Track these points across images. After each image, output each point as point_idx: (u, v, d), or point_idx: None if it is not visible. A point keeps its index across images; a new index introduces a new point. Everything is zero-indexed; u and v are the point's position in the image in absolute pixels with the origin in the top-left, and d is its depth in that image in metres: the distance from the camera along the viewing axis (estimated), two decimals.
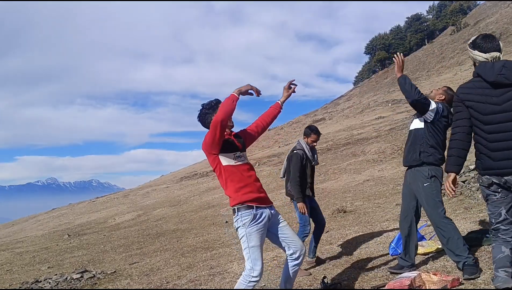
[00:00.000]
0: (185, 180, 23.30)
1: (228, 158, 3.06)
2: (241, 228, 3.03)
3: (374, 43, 73.96)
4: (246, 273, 3.02)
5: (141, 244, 8.91)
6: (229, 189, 3.08)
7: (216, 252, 6.59)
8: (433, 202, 3.53)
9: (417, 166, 3.62)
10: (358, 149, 15.61)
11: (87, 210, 20.38)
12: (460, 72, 30.40)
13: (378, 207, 7.49)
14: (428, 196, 3.54)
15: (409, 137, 3.75)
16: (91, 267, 7.09)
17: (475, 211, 5.60)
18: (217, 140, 2.96)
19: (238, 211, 3.04)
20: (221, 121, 2.86)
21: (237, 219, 3.04)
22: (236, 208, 3.05)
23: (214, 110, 3.11)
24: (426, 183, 3.54)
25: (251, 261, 2.99)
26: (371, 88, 45.63)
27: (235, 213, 3.07)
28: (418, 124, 3.64)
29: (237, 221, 3.05)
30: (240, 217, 3.02)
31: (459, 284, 3.25)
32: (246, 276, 3.00)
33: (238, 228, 3.06)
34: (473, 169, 7.07)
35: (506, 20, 38.69)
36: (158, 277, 5.63)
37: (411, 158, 3.63)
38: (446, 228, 3.46)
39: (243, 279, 3.01)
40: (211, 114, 3.12)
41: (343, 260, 4.71)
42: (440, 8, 71.77)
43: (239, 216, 3.03)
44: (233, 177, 3.06)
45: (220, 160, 3.05)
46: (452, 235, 3.43)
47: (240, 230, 3.04)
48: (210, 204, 13.16)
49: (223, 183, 3.12)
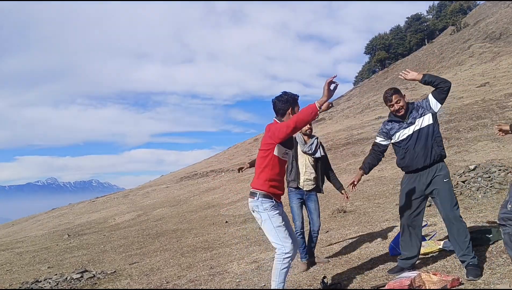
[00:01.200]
0: (185, 180, 23.30)
1: (280, 151, 3.29)
2: (263, 212, 3.25)
3: (374, 43, 73.92)
4: (278, 253, 3.20)
5: (141, 244, 8.90)
6: (263, 174, 3.28)
7: (216, 252, 6.58)
8: (452, 198, 3.57)
9: (435, 163, 3.62)
10: (358, 149, 15.61)
11: (87, 210, 20.37)
12: (460, 72, 30.38)
13: (378, 207, 7.49)
14: (449, 192, 3.58)
15: (411, 141, 3.69)
16: (91, 267, 7.09)
17: (475, 211, 5.61)
18: (286, 138, 3.21)
19: (260, 196, 3.26)
20: (298, 128, 3.11)
21: (257, 204, 3.27)
22: (259, 193, 3.27)
23: (290, 105, 3.35)
24: (446, 179, 3.61)
25: (280, 239, 3.20)
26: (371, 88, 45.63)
27: (255, 197, 3.28)
28: (426, 122, 3.65)
29: (258, 206, 3.27)
30: (261, 202, 3.25)
31: (459, 284, 3.25)
32: (279, 256, 3.23)
33: (260, 212, 3.26)
34: (473, 169, 7.07)
35: (506, 20, 38.67)
36: (158, 277, 5.63)
37: (434, 156, 3.61)
38: (462, 225, 3.53)
39: (277, 260, 3.19)
40: (286, 107, 3.35)
41: (343, 260, 4.71)
42: (440, 8, 71.74)
43: (259, 202, 3.26)
44: (273, 167, 3.28)
45: (275, 149, 3.25)
46: (466, 233, 3.51)
47: (262, 214, 3.26)
48: (210, 204, 13.16)
49: (262, 166, 3.30)
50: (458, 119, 14.73)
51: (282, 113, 3.36)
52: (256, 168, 3.39)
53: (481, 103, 16.74)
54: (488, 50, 33.70)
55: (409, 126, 3.72)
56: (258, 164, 3.37)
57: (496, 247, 3.96)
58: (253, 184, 3.37)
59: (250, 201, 3.37)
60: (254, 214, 3.34)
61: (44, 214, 24.38)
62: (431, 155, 3.62)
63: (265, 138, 3.31)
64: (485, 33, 38.53)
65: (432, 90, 3.70)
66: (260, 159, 3.33)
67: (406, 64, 47.89)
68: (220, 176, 20.36)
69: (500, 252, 3.80)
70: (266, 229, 3.28)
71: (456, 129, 13.23)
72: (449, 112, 16.29)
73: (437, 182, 3.61)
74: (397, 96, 3.70)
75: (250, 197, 3.37)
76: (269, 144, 3.26)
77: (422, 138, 3.64)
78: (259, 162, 3.35)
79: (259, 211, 3.27)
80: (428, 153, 3.62)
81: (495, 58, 30.33)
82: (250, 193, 3.39)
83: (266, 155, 3.28)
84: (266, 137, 3.29)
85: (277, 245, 3.22)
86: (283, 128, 3.12)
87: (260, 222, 3.31)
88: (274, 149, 3.25)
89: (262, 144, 3.34)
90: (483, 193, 6.30)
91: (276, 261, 3.22)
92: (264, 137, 3.33)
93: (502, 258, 3.66)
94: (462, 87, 23.38)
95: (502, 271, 3.37)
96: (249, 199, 3.40)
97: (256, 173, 3.38)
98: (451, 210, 3.56)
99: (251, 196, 3.36)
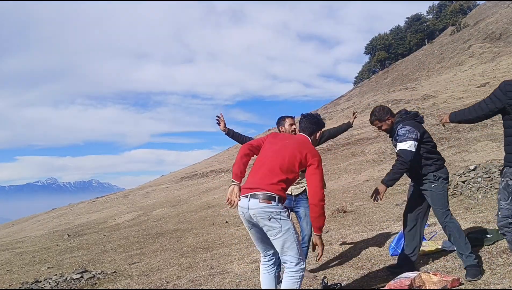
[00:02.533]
0: (185, 180, 23.29)
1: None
2: (286, 219, 2.86)
3: (374, 43, 73.89)
4: (295, 270, 2.85)
5: (141, 244, 8.90)
6: (284, 184, 2.94)
7: (216, 252, 6.58)
8: (440, 201, 3.58)
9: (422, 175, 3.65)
10: (358, 149, 15.61)
11: (87, 210, 20.36)
12: (460, 72, 30.37)
13: (378, 207, 7.49)
14: (436, 195, 3.58)
15: None
16: (91, 267, 7.08)
17: (475, 211, 5.61)
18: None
19: (278, 201, 2.86)
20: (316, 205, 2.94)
21: (278, 211, 2.84)
22: (278, 197, 2.86)
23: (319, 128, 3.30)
24: (434, 184, 3.60)
25: (299, 254, 2.86)
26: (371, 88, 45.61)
27: (274, 202, 2.84)
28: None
29: (279, 213, 2.84)
30: (281, 208, 2.87)
31: (459, 284, 3.25)
32: (297, 272, 2.85)
33: (281, 220, 2.84)
34: (473, 169, 7.07)
35: (506, 20, 38.66)
36: (158, 277, 5.63)
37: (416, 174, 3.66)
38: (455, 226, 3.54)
39: (295, 278, 2.84)
40: (315, 130, 3.28)
41: (343, 260, 4.72)
42: (440, 8, 71.72)
43: (279, 207, 2.86)
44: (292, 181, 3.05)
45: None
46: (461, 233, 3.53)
47: (284, 222, 2.84)
48: (210, 204, 13.15)
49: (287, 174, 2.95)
50: None
51: (311, 132, 3.24)
52: (276, 169, 2.95)
53: None
54: (488, 50, 33.70)
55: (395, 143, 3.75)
56: (284, 165, 2.96)
57: (496, 247, 3.96)
58: (268, 187, 2.88)
59: (266, 206, 2.82)
60: (270, 223, 2.81)
61: (44, 214, 24.37)
62: (417, 172, 3.66)
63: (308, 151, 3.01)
64: (485, 33, 38.52)
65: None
66: (291, 165, 2.97)
67: (406, 64, 47.88)
68: (220, 176, 20.36)
69: (500, 252, 3.80)
70: (287, 240, 2.83)
71: (456, 129, 13.23)
72: (449, 112, 16.29)
73: (426, 184, 3.64)
74: (377, 122, 3.74)
75: (265, 201, 2.83)
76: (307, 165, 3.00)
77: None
78: (288, 165, 2.96)
79: (281, 219, 2.82)
80: (414, 170, 3.65)
81: (495, 58, 30.33)
82: (265, 196, 2.84)
83: (298, 171, 3.00)
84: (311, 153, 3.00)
85: (295, 259, 2.84)
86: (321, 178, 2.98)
87: (276, 232, 2.82)
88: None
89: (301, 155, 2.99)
90: (483, 193, 6.30)
91: (292, 279, 2.83)
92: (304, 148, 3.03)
93: (502, 258, 3.66)
94: (462, 87, 23.39)
95: (502, 271, 3.37)
96: (259, 204, 2.83)
97: (272, 175, 2.93)
98: (437, 213, 3.60)
99: (266, 200, 2.83)
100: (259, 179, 2.94)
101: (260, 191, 2.86)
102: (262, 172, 2.97)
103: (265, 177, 2.92)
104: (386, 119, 3.71)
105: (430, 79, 32.51)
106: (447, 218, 3.56)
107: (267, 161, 3.01)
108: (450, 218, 3.58)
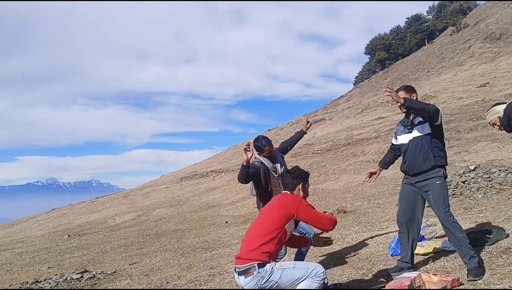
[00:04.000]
0: (185, 180, 23.28)
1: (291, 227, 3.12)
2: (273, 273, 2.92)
3: (374, 44, 73.87)
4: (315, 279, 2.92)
5: (141, 244, 8.90)
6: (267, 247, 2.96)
7: (216, 252, 6.58)
8: (442, 200, 3.59)
9: (428, 170, 3.64)
10: (358, 149, 15.60)
11: (87, 210, 20.36)
12: (460, 73, 30.38)
13: (378, 208, 7.49)
14: (439, 193, 3.59)
15: (410, 147, 3.74)
16: (91, 267, 7.09)
17: (475, 212, 5.61)
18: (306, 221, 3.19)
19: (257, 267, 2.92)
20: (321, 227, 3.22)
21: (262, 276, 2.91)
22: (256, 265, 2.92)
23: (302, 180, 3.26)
24: (439, 181, 3.61)
25: (307, 268, 2.96)
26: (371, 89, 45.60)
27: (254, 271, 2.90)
28: (420, 132, 3.69)
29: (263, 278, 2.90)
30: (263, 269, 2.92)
31: (459, 284, 3.25)
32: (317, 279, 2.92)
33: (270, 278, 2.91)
34: (473, 169, 7.07)
35: (506, 21, 38.65)
36: (158, 277, 5.63)
37: (425, 165, 3.64)
38: (455, 226, 3.55)
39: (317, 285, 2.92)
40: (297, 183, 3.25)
41: (343, 260, 4.71)
42: (440, 9, 71.71)
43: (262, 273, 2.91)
44: (279, 242, 3.04)
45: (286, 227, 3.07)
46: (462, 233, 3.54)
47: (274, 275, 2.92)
48: (210, 205, 13.15)
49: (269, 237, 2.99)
50: (458, 120, 14.73)
51: (292, 187, 3.23)
52: (259, 233, 3.02)
53: (481, 104, 16.73)
54: (488, 50, 33.69)
55: (409, 132, 3.77)
56: (263, 228, 3.02)
57: (496, 247, 3.96)
58: (247, 254, 2.96)
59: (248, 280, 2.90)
60: (264, 285, 2.91)
61: (44, 214, 24.37)
62: (426, 163, 3.65)
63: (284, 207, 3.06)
64: (485, 34, 38.52)
65: None
66: (270, 225, 3.01)
67: (406, 65, 47.87)
68: (220, 177, 20.35)
69: (500, 253, 3.80)
70: (290, 278, 2.93)
71: (456, 130, 13.23)
72: (449, 112, 16.30)
73: (430, 183, 3.64)
74: (403, 92, 3.77)
75: (245, 275, 2.90)
76: (289, 215, 3.03)
77: (418, 146, 3.69)
78: (267, 226, 3.01)
79: (269, 279, 2.90)
80: (423, 161, 3.65)
81: (495, 58, 30.33)
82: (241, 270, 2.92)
83: (280, 227, 3.00)
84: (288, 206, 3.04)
85: (310, 273, 2.93)
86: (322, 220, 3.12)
87: (274, 285, 2.93)
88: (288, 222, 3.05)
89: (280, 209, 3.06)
90: (483, 194, 6.30)
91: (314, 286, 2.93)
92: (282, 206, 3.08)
93: (502, 258, 3.66)
94: (462, 87, 23.40)
95: (502, 271, 3.37)
96: (244, 280, 2.91)
97: (254, 240, 3.00)
98: (440, 212, 3.60)
99: (245, 274, 2.90)
100: (242, 248, 3.09)
101: (241, 265, 2.96)
102: (245, 239, 3.13)
103: (247, 245, 3.05)
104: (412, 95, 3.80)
105: (430, 79, 32.51)
106: (450, 217, 3.57)
107: (250, 229, 3.18)
108: (452, 217, 3.58)
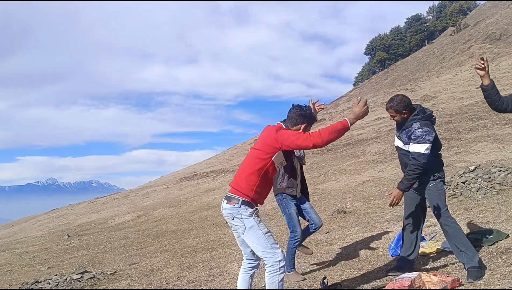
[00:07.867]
0: (185, 180, 23.27)
1: (279, 159, 3.04)
2: (247, 218, 2.99)
3: (374, 44, 73.91)
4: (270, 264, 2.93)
5: (141, 244, 8.90)
6: (253, 177, 3.01)
7: (216, 252, 6.58)
8: (439, 201, 3.58)
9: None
10: (358, 149, 15.60)
11: (87, 210, 20.35)
12: (460, 73, 30.37)
13: (378, 208, 7.49)
14: (436, 194, 3.58)
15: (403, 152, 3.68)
16: (91, 267, 7.09)
17: (475, 212, 5.61)
18: (296, 149, 3.13)
19: (241, 203, 2.99)
20: (317, 147, 2.89)
21: (239, 211, 2.99)
22: (241, 200, 2.99)
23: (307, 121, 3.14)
24: (434, 183, 3.59)
25: (271, 247, 2.95)
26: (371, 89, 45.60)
27: (236, 203, 2.99)
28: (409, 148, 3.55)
29: (240, 212, 2.99)
30: (244, 209, 2.99)
31: (459, 285, 3.25)
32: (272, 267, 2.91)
33: (243, 219, 2.99)
34: (473, 169, 7.06)
35: (506, 21, 38.66)
36: (158, 277, 5.63)
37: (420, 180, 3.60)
38: (455, 227, 3.54)
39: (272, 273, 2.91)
40: (302, 121, 3.12)
41: (343, 260, 4.71)
42: (440, 9, 71.71)
43: (241, 208, 2.99)
44: (266, 173, 3.03)
45: (274, 156, 3.01)
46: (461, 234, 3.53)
47: (246, 221, 2.98)
48: (210, 205, 13.14)
49: (254, 168, 3.01)
50: (458, 120, 14.72)
51: (295, 123, 3.13)
52: (244, 168, 3.08)
53: (481, 104, 16.71)
54: (488, 50, 33.68)
55: (399, 139, 3.73)
56: (248, 164, 3.07)
57: (496, 247, 3.96)
58: (236, 186, 3.05)
59: (228, 207, 3.03)
60: (234, 221, 3.02)
61: (44, 214, 24.36)
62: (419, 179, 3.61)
63: (267, 138, 3.04)
64: (485, 34, 38.52)
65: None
66: (254, 159, 3.04)
67: (406, 65, 47.87)
68: (220, 177, 20.34)
69: (500, 253, 3.80)
70: (252, 238, 2.97)
71: (456, 130, 13.22)
72: (449, 112, 16.30)
73: (426, 184, 3.63)
74: (392, 112, 3.63)
75: (228, 202, 3.03)
76: (272, 147, 2.99)
77: (404, 156, 3.66)
78: (250, 162, 3.05)
79: (242, 218, 2.98)
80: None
81: (495, 59, 30.31)
82: (228, 197, 3.06)
83: (264, 158, 2.99)
84: (271, 138, 3.01)
85: (267, 255, 2.93)
86: (304, 140, 2.87)
87: (242, 230, 3.01)
88: (275, 154, 2.99)
89: (262, 144, 3.06)
90: (483, 194, 6.29)
91: (271, 274, 2.92)
92: (266, 137, 3.07)
93: (502, 259, 3.66)
94: (462, 88, 23.38)
95: (502, 272, 3.37)
96: (226, 205, 3.05)
97: (242, 174, 3.07)
98: (438, 213, 3.59)
99: (229, 201, 3.03)
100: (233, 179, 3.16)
101: (230, 193, 3.07)
102: (236, 174, 3.18)
103: (237, 176, 3.12)
104: (402, 112, 3.57)
105: (430, 79, 32.49)
106: (449, 218, 3.57)
107: (242, 163, 3.20)
108: (451, 218, 3.58)
